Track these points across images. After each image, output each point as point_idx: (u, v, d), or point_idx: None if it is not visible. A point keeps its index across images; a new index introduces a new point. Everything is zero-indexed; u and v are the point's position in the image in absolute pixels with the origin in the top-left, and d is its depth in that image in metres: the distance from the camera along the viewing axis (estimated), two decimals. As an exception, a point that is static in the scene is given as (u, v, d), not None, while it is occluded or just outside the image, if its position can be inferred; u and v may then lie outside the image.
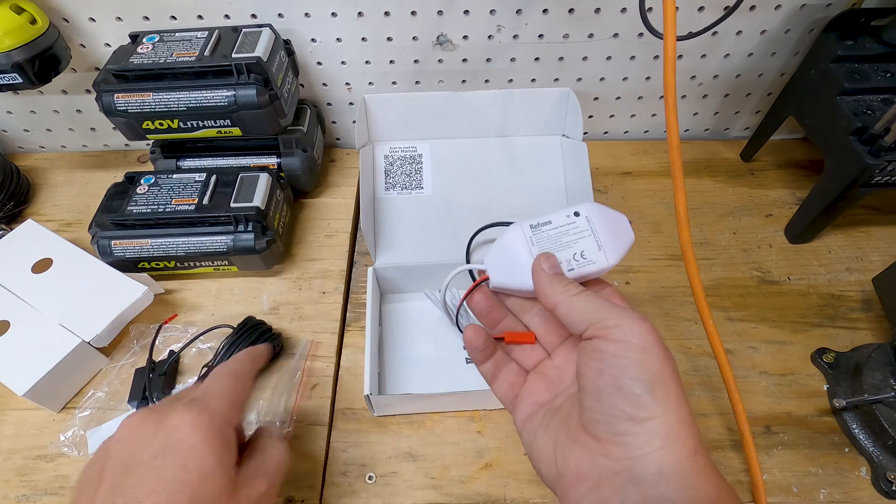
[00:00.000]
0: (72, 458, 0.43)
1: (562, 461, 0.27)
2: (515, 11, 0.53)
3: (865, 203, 0.57)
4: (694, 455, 0.24)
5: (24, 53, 0.48)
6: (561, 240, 0.32)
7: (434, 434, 0.45)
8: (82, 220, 0.59)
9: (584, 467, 0.26)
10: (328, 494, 0.42)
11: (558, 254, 0.32)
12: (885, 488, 0.41)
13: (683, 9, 0.52)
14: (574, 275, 0.31)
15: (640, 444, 0.24)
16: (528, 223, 0.33)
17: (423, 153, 0.56)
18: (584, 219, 0.32)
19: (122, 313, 0.47)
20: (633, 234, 0.33)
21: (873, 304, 0.52)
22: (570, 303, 0.28)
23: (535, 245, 0.32)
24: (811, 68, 0.53)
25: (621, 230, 0.33)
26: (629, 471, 0.24)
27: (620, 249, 0.32)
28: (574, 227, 0.32)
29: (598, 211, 0.33)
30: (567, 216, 0.33)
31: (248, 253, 0.50)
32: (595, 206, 0.33)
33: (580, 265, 0.32)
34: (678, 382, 0.26)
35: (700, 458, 0.24)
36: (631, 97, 0.63)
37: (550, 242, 0.32)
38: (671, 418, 0.24)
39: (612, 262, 0.32)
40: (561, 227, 0.32)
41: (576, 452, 0.27)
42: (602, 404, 0.26)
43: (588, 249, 0.32)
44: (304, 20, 0.54)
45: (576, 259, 0.32)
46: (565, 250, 0.32)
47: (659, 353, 0.26)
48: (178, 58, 0.49)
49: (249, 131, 0.52)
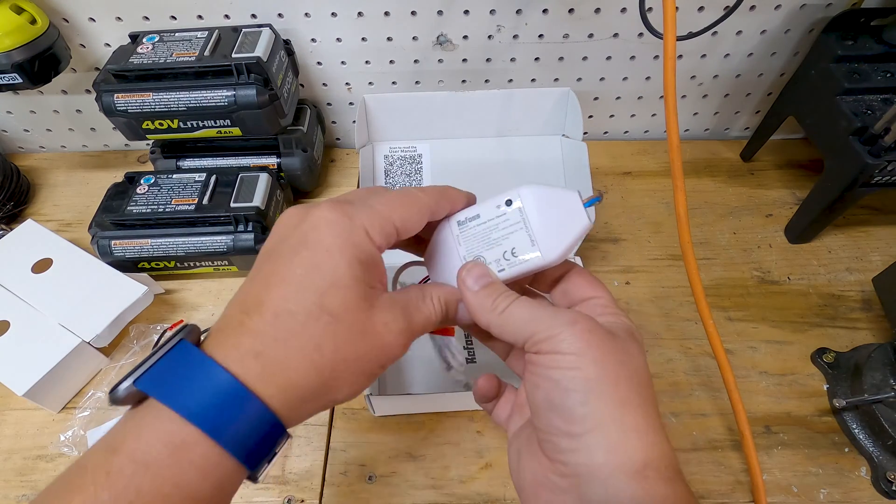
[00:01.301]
0: (72, 458, 0.43)
1: (521, 474, 0.27)
2: (515, 11, 0.53)
3: (865, 203, 0.57)
4: (643, 470, 0.22)
5: (24, 53, 0.48)
6: (490, 236, 0.28)
7: (434, 434, 0.45)
8: (82, 220, 0.59)
9: (538, 481, 0.25)
10: (328, 494, 0.42)
11: (486, 253, 0.28)
12: (885, 488, 0.41)
13: (683, 9, 0.52)
14: (506, 276, 0.27)
15: (581, 461, 0.23)
16: (457, 218, 0.29)
17: (423, 153, 0.56)
18: (515, 209, 0.27)
19: (122, 313, 0.47)
20: (587, 217, 0.27)
21: (873, 304, 0.52)
22: (501, 322, 0.26)
23: (462, 245, 0.28)
24: (811, 68, 0.53)
25: (568, 214, 0.27)
26: (576, 488, 0.23)
27: (563, 240, 0.27)
28: (504, 220, 0.28)
29: (534, 196, 0.27)
30: (497, 206, 0.28)
31: (248, 253, 0.50)
32: (532, 189, 0.28)
33: (511, 265, 0.27)
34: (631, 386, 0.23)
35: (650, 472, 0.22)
36: (631, 97, 0.63)
37: (478, 241, 0.28)
38: (612, 429, 0.22)
39: (549, 258, 0.27)
40: (490, 220, 0.28)
41: (531, 467, 0.26)
42: (541, 421, 0.25)
43: (519, 245, 0.27)
44: (304, 20, 0.54)
45: (506, 258, 0.27)
46: (494, 248, 0.28)
47: (595, 356, 0.23)
48: (178, 58, 0.49)
49: (249, 131, 0.52)
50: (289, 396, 0.23)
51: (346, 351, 0.24)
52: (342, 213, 0.25)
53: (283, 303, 0.24)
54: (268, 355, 0.23)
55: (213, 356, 0.22)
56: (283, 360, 0.23)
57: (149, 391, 0.22)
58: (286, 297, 0.24)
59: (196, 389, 0.22)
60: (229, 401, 0.22)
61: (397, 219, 0.26)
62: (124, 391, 0.22)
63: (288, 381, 0.23)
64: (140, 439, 0.21)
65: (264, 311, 0.23)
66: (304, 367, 0.23)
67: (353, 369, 0.25)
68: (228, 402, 0.22)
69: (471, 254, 0.28)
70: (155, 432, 0.21)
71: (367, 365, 0.25)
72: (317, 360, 0.23)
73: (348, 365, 0.24)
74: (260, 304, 0.24)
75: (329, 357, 0.24)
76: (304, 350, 0.23)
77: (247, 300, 0.24)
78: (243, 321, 0.24)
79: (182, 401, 0.21)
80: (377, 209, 0.26)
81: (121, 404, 0.22)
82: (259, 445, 0.22)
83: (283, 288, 0.24)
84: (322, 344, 0.23)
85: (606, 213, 0.60)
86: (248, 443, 0.22)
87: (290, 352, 0.23)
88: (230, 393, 0.22)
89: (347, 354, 0.24)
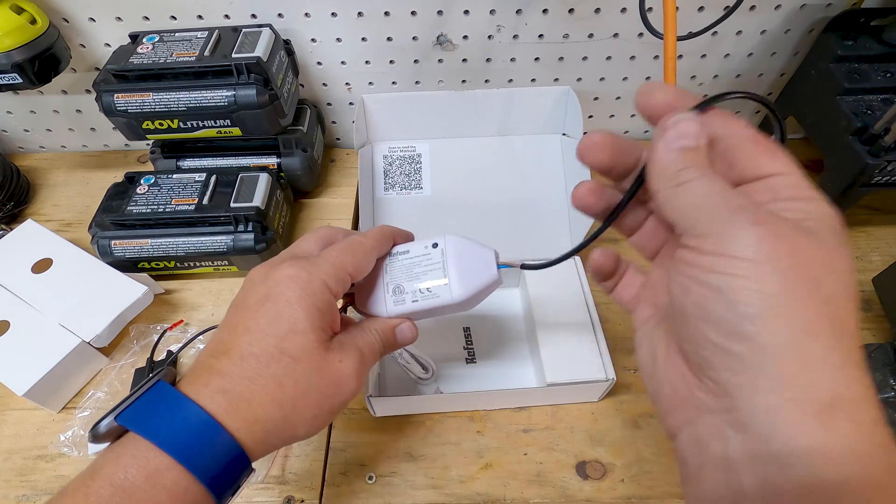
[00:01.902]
0: (72, 458, 0.43)
1: (658, 380, 0.23)
2: (515, 11, 0.53)
3: (865, 203, 0.57)
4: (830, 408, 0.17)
5: (24, 53, 0.48)
6: (412, 270, 0.32)
7: (434, 434, 0.45)
8: (82, 220, 0.59)
9: (679, 395, 0.22)
10: (328, 494, 0.42)
11: (406, 284, 0.32)
12: (885, 488, 0.41)
13: (683, 9, 0.52)
14: (418, 307, 0.32)
15: (743, 383, 0.19)
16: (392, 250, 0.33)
17: (423, 153, 0.56)
18: (439, 251, 0.32)
19: (122, 313, 0.47)
20: (498, 275, 0.32)
21: (873, 304, 0.52)
22: (671, 196, 0.21)
23: (388, 274, 0.33)
24: (811, 68, 0.53)
25: (481, 267, 0.32)
26: (730, 412, 0.19)
27: (472, 285, 0.31)
28: (427, 259, 0.32)
29: (456, 245, 0.32)
30: (425, 247, 0.33)
31: (248, 253, 0.50)
32: (456, 239, 0.33)
33: (424, 297, 0.32)
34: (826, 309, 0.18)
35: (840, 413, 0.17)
36: (631, 97, 0.63)
37: (403, 272, 0.33)
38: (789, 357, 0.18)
39: (457, 298, 0.31)
40: (416, 257, 0.33)
41: (670, 378, 0.22)
42: (688, 329, 0.21)
43: (434, 283, 0.32)
44: (303, 20, 0.54)
45: (421, 291, 0.32)
46: (414, 281, 0.32)
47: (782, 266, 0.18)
48: (178, 58, 0.49)
49: (249, 131, 0.52)
50: (253, 429, 0.26)
51: (305, 386, 0.27)
52: (301, 269, 0.29)
53: (248, 346, 0.27)
54: (234, 392, 0.26)
55: (186, 394, 0.25)
56: (248, 397, 0.26)
57: (128, 425, 0.24)
58: (251, 342, 0.27)
59: (170, 422, 0.25)
60: (200, 432, 0.25)
61: (350, 266, 0.30)
62: (105, 426, 0.24)
63: (252, 415, 0.26)
64: (118, 465, 0.23)
65: (232, 354, 0.27)
66: (268, 403, 0.26)
67: (312, 404, 0.27)
68: (199, 432, 0.25)
69: (393, 282, 0.33)
70: (132, 459, 0.24)
71: (326, 400, 0.28)
72: (278, 395, 0.26)
73: (308, 400, 0.27)
74: (228, 349, 0.27)
75: (290, 393, 0.27)
76: (267, 387, 0.26)
77: (217, 347, 0.28)
78: (213, 364, 0.27)
79: (157, 432, 0.24)
80: (332, 262, 0.30)
81: (101, 441, 0.25)
82: (224, 472, 0.25)
83: (249, 335, 0.27)
84: (283, 382, 0.27)
85: (606, 213, 0.60)
86: (214, 469, 0.25)
87: (254, 389, 0.26)
88: (200, 425, 0.25)
89: (307, 390, 0.27)
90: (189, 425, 0.25)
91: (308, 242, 0.32)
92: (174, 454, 0.24)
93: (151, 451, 0.24)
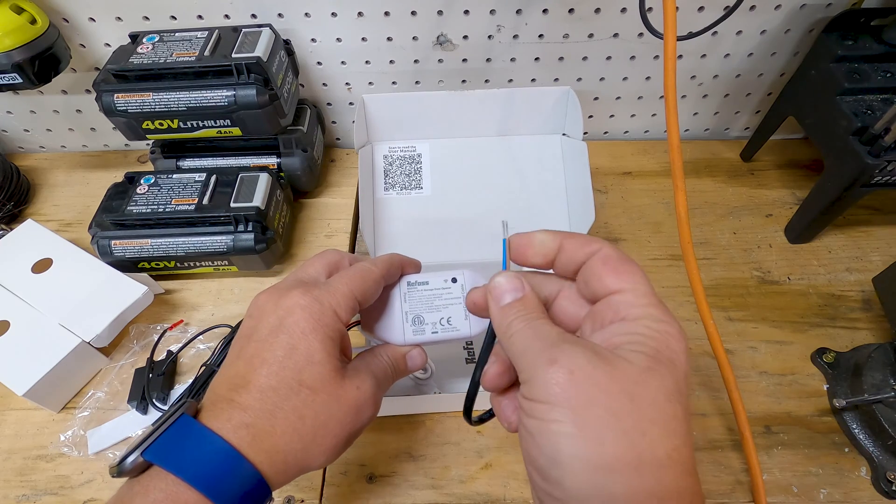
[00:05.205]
0: (72, 458, 0.43)
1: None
2: (515, 11, 0.53)
3: (865, 203, 0.57)
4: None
5: (24, 53, 0.48)
6: (433, 302, 0.33)
7: (434, 434, 0.45)
8: (82, 220, 0.59)
9: None
10: (328, 494, 0.42)
11: (427, 315, 0.33)
12: (885, 488, 0.41)
13: (683, 9, 0.52)
14: (437, 338, 0.33)
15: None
16: (407, 279, 0.34)
17: (423, 153, 0.56)
18: (459, 286, 0.34)
19: (122, 313, 0.47)
20: None
21: (873, 304, 0.52)
22: (506, 347, 0.24)
23: (407, 302, 0.34)
24: (811, 68, 0.53)
25: None
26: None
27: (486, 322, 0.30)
28: (448, 293, 0.33)
29: (474, 281, 0.34)
30: (444, 280, 0.34)
31: (248, 253, 0.50)
32: (474, 277, 0.34)
33: (444, 330, 0.33)
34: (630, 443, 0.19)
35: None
36: (631, 97, 0.63)
37: (422, 303, 0.33)
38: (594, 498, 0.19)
39: (474, 333, 0.33)
40: (436, 289, 0.34)
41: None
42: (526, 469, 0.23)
43: (455, 317, 0.33)
44: (304, 20, 0.54)
45: (441, 324, 0.33)
46: (434, 313, 0.33)
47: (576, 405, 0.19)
48: (178, 58, 0.49)
49: (249, 131, 0.52)
50: (275, 460, 0.27)
51: (325, 417, 0.28)
52: (313, 299, 0.29)
53: (266, 380, 0.27)
54: (257, 426, 0.26)
55: (210, 427, 0.26)
56: (269, 430, 0.27)
57: (155, 461, 0.25)
58: (269, 374, 0.27)
59: (197, 457, 0.25)
60: (225, 466, 0.25)
61: (359, 294, 0.30)
62: (132, 462, 0.25)
63: (274, 446, 0.27)
64: (147, 497, 0.24)
65: (251, 388, 0.27)
66: (289, 434, 0.27)
67: (331, 434, 0.28)
68: (224, 466, 0.25)
69: (413, 311, 0.33)
70: (161, 493, 0.24)
71: (345, 428, 0.29)
72: (299, 427, 0.27)
73: (328, 430, 0.28)
74: (247, 383, 0.27)
75: (310, 424, 0.27)
76: (288, 420, 0.27)
77: (234, 379, 0.28)
78: (233, 398, 0.27)
79: (185, 467, 0.25)
80: (341, 290, 0.30)
81: (127, 475, 0.26)
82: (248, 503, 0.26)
83: (266, 368, 0.27)
84: (304, 413, 0.27)
85: (606, 213, 0.60)
86: (240, 501, 0.25)
87: (275, 422, 0.27)
88: (226, 459, 0.26)
89: (327, 420, 0.28)
90: (215, 460, 0.25)
91: (314, 267, 0.32)
92: (202, 489, 0.24)
93: (180, 486, 0.24)
